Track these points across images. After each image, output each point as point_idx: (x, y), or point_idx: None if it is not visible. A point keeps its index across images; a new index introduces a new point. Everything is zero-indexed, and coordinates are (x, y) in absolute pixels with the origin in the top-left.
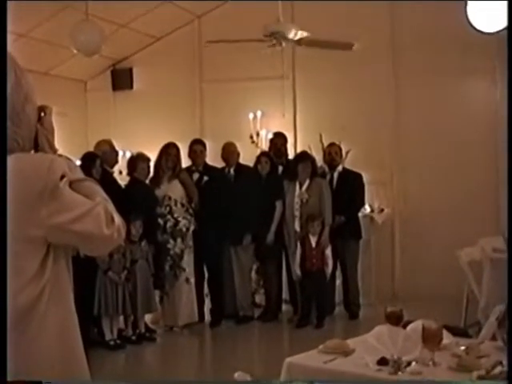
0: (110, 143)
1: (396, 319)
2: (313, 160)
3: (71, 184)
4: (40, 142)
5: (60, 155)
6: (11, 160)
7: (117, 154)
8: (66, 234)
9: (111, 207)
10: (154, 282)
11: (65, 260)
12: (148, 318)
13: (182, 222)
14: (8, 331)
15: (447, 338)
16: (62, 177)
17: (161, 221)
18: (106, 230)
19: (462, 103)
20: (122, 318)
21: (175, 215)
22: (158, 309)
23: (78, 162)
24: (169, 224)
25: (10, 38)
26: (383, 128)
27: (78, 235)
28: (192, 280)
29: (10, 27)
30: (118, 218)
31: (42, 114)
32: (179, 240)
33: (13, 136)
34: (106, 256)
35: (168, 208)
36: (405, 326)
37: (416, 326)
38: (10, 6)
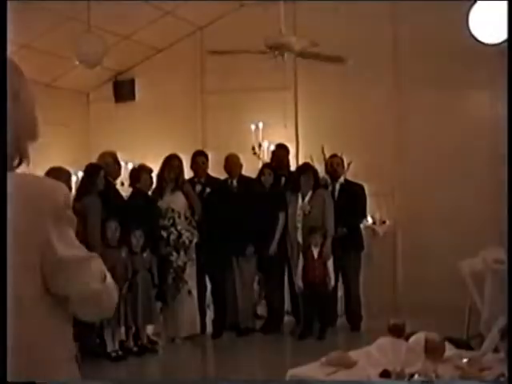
0: (113, 155)
1: (398, 331)
2: (315, 172)
3: None
4: None
5: None
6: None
7: (120, 166)
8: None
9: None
10: (156, 293)
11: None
12: (150, 329)
13: (185, 235)
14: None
15: (450, 350)
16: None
17: (164, 233)
18: (95, 284)
19: (464, 115)
20: (123, 329)
21: (178, 228)
22: (159, 320)
23: (81, 174)
24: (172, 237)
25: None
26: (385, 139)
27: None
28: (194, 292)
29: (11, 37)
30: (109, 278)
31: None
32: (182, 253)
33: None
34: (108, 267)
35: (171, 220)
36: (407, 338)
37: (418, 338)
38: (11, 17)
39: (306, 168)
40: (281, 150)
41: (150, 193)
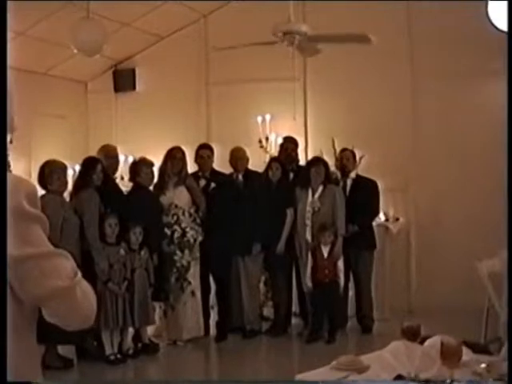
0: (113, 148)
1: (413, 334)
2: (326, 166)
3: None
4: None
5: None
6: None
7: (118, 159)
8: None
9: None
10: (157, 293)
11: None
12: (150, 331)
13: (190, 233)
14: None
15: (467, 355)
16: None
17: (167, 230)
18: (64, 280)
19: (483, 107)
20: (121, 330)
21: (182, 225)
22: (155, 322)
23: (78, 168)
24: (176, 234)
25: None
26: (399, 133)
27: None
28: (197, 293)
29: (7, 24)
30: (81, 277)
31: None
32: (186, 251)
33: None
34: (106, 266)
35: (175, 217)
36: (422, 342)
37: (434, 341)
38: (9, 4)
39: (317, 161)
40: (289, 143)
41: (151, 188)
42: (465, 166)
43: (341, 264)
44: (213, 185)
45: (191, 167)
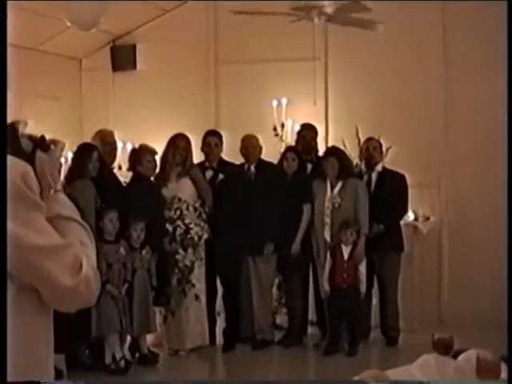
0: (110, 133)
1: (445, 348)
2: (341, 157)
3: (51, 219)
4: (39, 175)
5: (60, 190)
6: None
7: (116, 146)
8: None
9: (86, 253)
10: (158, 297)
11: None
12: (149, 339)
13: (194, 230)
14: None
15: (505, 372)
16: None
17: (169, 227)
18: (68, 278)
19: None
20: (120, 338)
21: (186, 221)
22: (156, 329)
23: (71, 155)
24: (179, 231)
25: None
26: (430, 121)
27: (34, 270)
28: (202, 297)
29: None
30: (88, 267)
31: (53, 147)
32: (190, 250)
33: None
34: (104, 266)
35: (178, 212)
36: (455, 356)
37: (469, 356)
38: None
39: (333, 151)
40: (307, 131)
41: (152, 178)
42: (503, 160)
43: (362, 267)
44: (221, 176)
45: (197, 156)
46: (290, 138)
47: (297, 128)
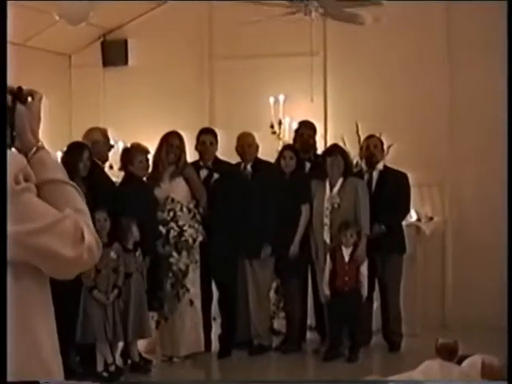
0: (102, 131)
1: (449, 353)
2: (346, 155)
3: (40, 186)
4: (20, 129)
5: (42, 147)
6: None
7: (110, 145)
8: (19, 248)
9: (85, 221)
10: (150, 302)
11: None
12: (142, 346)
13: (189, 232)
14: None
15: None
16: (26, 180)
17: (162, 229)
18: (70, 250)
19: None
20: (110, 345)
21: (180, 223)
22: (151, 334)
23: (59, 154)
24: (172, 233)
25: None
26: (434, 118)
27: (34, 252)
28: (197, 302)
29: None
30: (89, 236)
31: (30, 99)
32: (184, 253)
33: None
34: (92, 271)
35: (172, 213)
36: (460, 362)
37: (474, 361)
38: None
39: (334, 150)
40: (306, 129)
41: (145, 178)
42: (505, 159)
43: (364, 270)
44: (216, 176)
45: (191, 155)
46: (288, 136)
47: (295, 125)
